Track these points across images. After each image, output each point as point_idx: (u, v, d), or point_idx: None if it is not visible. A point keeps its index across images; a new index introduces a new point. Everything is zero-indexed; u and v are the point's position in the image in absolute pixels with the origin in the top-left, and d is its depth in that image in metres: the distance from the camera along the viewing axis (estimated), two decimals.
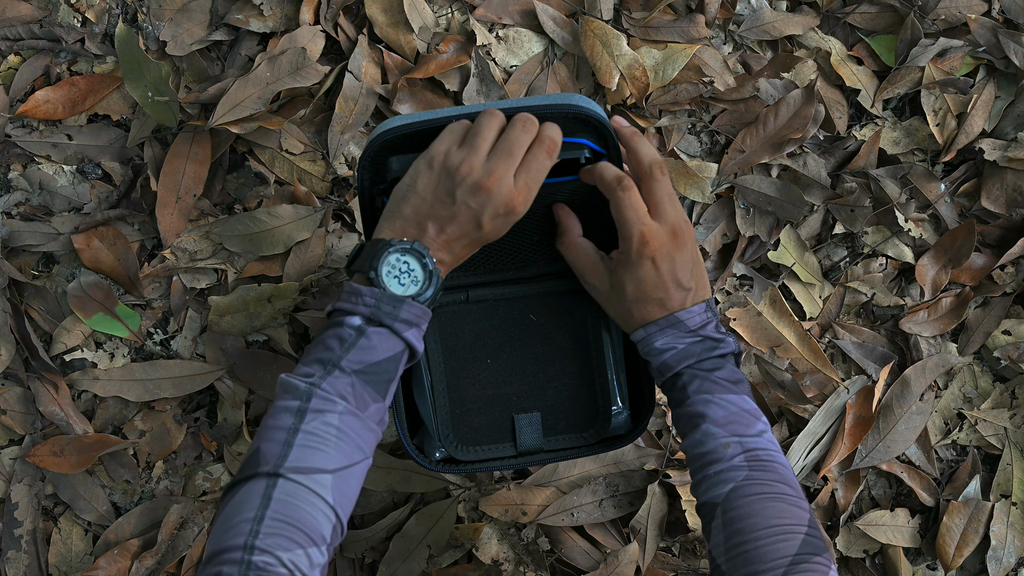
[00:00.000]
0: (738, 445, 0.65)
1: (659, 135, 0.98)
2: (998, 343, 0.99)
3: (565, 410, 0.77)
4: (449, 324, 0.77)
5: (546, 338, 0.77)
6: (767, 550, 0.59)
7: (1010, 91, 1.00)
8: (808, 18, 1.00)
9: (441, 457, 0.77)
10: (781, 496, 0.62)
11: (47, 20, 0.96)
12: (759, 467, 0.64)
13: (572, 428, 0.77)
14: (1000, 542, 0.97)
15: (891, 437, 0.97)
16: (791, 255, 0.98)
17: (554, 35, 0.97)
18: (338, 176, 0.95)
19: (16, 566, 0.92)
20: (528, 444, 0.77)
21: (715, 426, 0.66)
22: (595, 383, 0.77)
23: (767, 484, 0.63)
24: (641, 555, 0.93)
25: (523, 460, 0.77)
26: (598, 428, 0.77)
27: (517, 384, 0.77)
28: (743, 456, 0.64)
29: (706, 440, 0.66)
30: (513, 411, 0.77)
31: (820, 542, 0.61)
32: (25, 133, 0.95)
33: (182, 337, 0.95)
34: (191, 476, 0.94)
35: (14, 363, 0.93)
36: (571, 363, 0.77)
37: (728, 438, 0.65)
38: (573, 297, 0.76)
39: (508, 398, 0.77)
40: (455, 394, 0.77)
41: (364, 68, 0.95)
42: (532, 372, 0.77)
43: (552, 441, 0.77)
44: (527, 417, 0.77)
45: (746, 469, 0.64)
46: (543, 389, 0.77)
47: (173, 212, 0.93)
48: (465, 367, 0.77)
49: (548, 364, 0.77)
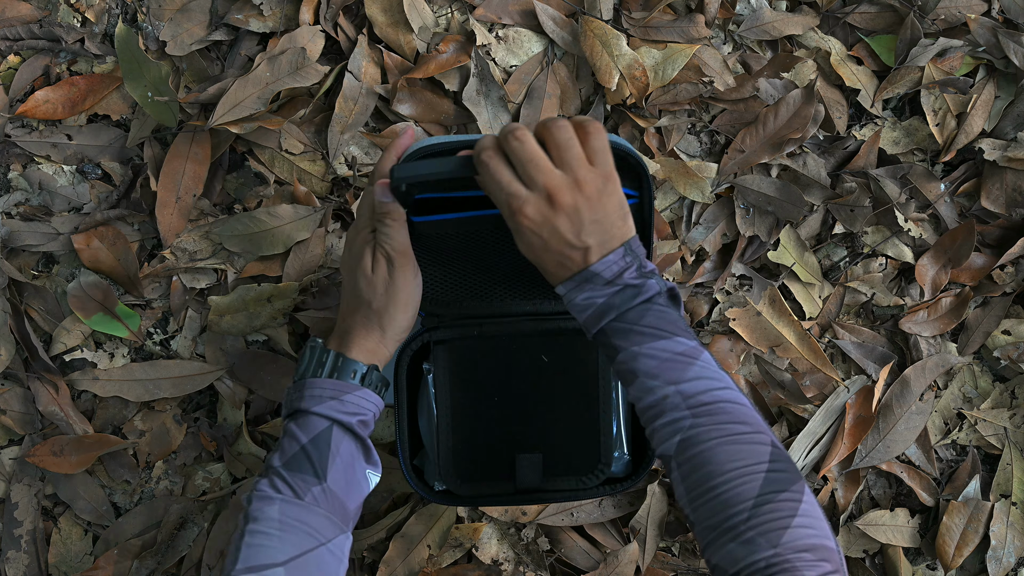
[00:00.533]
0: (677, 394, 0.61)
1: (659, 135, 0.98)
2: (998, 343, 0.99)
3: (567, 453, 0.77)
4: (460, 357, 0.76)
5: (554, 379, 0.77)
6: (726, 497, 0.57)
7: (1010, 91, 1.00)
8: (808, 18, 1.00)
9: (440, 489, 0.78)
10: (732, 438, 0.59)
11: (47, 20, 0.96)
12: (703, 412, 0.60)
13: (572, 471, 0.77)
14: (1000, 542, 0.97)
15: (891, 437, 0.97)
16: (791, 255, 0.98)
17: (554, 35, 0.97)
18: (338, 176, 0.95)
19: (16, 566, 0.92)
20: (527, 484, 0.77)
21: (649, 379, 0.62)
22: (599, 428, 0.77)
23: (715, 428, 0.60)
24: (641, 555, 0.93)
25: (521, 498, 0.77)
26: (598, 473, 0.77)
27: (522, 423, 0.77)
28: (684, 404, 0.61)
29: (644, 395, 0.62)
30: (515, 450, 0.77)
31: (786, 475, 0.58)
32: (25, 133, 0.95)
33: (182, 337, 0.95)
34: (191, 476, 0.94)
35: (14, 363, 0.93)
36: (577, 406, 0.77)
37: (665, 388, 0.62)
38: (586, 340, 0.75)
39: (511, 437, 0.77)
40: (459, 428, 0.77)
41: (364, 68, 0.95)
42: (538, 413, 0.77)
43: (552, 482, 0.77)
44: (528, 457, 0.77)
45: (689, 417, 0.60)
46: (547, 431, 0.77)
47: (173, 212, 0.93)
48: (472, 403, 0.77)
49: (555, 406, 0.77)
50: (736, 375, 0.97)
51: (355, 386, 0.67)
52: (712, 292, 0.97)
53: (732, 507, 0.57)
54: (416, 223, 0.72)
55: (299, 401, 0.67)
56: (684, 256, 0.98)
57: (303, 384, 0.67)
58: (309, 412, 0.66)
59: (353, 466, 0.66)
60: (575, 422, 0.77)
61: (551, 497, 0.78)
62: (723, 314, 0.97)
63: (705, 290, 0.97)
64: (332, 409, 0.66)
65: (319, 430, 0.66)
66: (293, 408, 0.67)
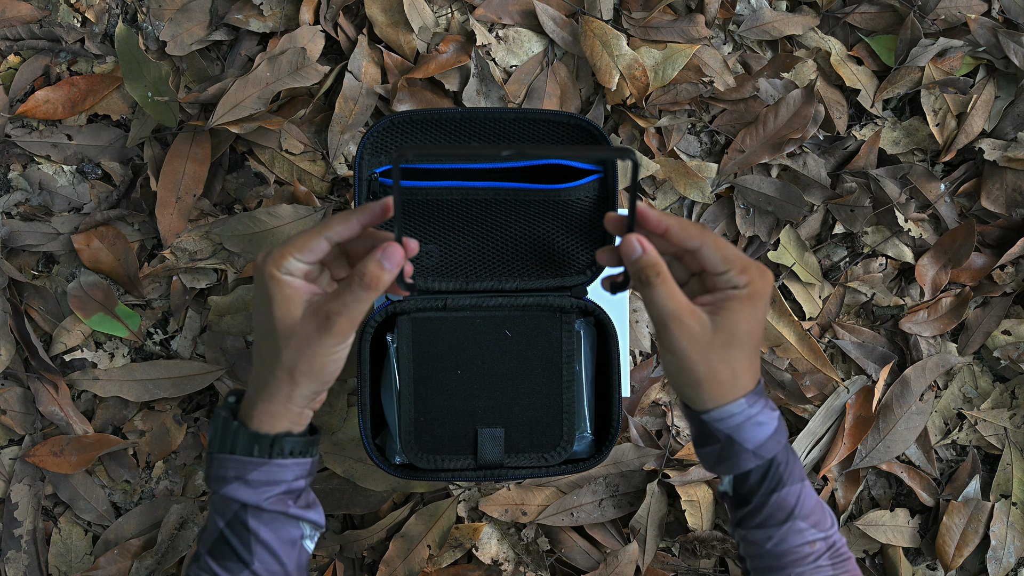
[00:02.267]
0: (822, 543, 0.60)
1: (659, 135, 0.98)
2: (998, 343, 0.99)
3: (529, 429, 0.77)
4: (424, 331, 0.76)
5: (519, 355, 0.77)
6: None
7: (1010, 91, 1.00)
8: (808, 18, 1.00)
9: (401, 462, 0.77)
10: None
11: (47, 20, 0.96)
12: (842, 569, 0.61)
13: (534, 448, 0.77)
14: (1000, 542, 0.97)
15: (891, 437, 0.97)
16: (791, 255, 0.98)
17: (554, 35, 0.97)
18: (338, 176, 0.95)
19: (16, 566, 0.92)
20: (488, 459, 0.76)
21: (803, 521, 0.60)
22: (563, 405, 0.77)
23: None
24: (641, 555, 0.93)
25: (482, 474, 0.77)
26: (560, 450, 0.77)
27: (484, 398, 0.76)
28: (827, 556, 0.60)
29: (789, 537, 0.60)
30: (477, 424, 0.77)
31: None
32: (25, 133, 0.95)
33: (182, 337, 0.95)
34: (191, 476, 0.94)
35: (14, 363, 0.93)
36: (541, 383, 0.77)
37: (815, 535, 0.60)
38: (551, 316, 0.76)
39: (474, 411, 0.76)
40: (421, 401, 0.76)
41: (364, 68, 0.95)
42: (501, 387, 0.77)
43: (513, 459, 0.77)
44: (490, 432, 0.77)
45: (830, 568, 0.60)
46: (510, 406, 0.77)
47: (173, 212, 0.93)
48: (434, 375, 0.76)
49: (518, 381, 0.77)
50: None
51: (260, 461, 0.60)
52: None
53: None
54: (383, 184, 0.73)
55: (209, 480, 0.62)
56: None
57: (211, 460, 0.62)
58: (218, 494, 0.61)
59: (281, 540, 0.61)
60: (538, 399, 0.77)
61: (512, 475, 0.77)
62: None
63: None
64: (239, 491, 0.60)
65: (232, 513, 0.60)
66: (208, 486, 0.62)
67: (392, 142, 0.74)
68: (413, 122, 0.73)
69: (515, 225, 0.75)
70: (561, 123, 0.74)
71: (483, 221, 0.76)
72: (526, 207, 0.75)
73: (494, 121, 0.74)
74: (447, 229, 0.76)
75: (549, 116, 0.73)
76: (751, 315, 0.58)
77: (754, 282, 0.58)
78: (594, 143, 0.74)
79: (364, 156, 0.73)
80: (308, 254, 0.58)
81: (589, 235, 0.76)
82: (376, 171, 0.74)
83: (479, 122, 0.74)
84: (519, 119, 0.74)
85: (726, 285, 0.59)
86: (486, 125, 0.74)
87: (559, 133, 0.74)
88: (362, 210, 0.60)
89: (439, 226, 0.76)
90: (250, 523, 0.59)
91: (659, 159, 0.97)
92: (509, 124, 0.75)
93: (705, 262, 0.59)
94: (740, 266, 0.58)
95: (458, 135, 0.75)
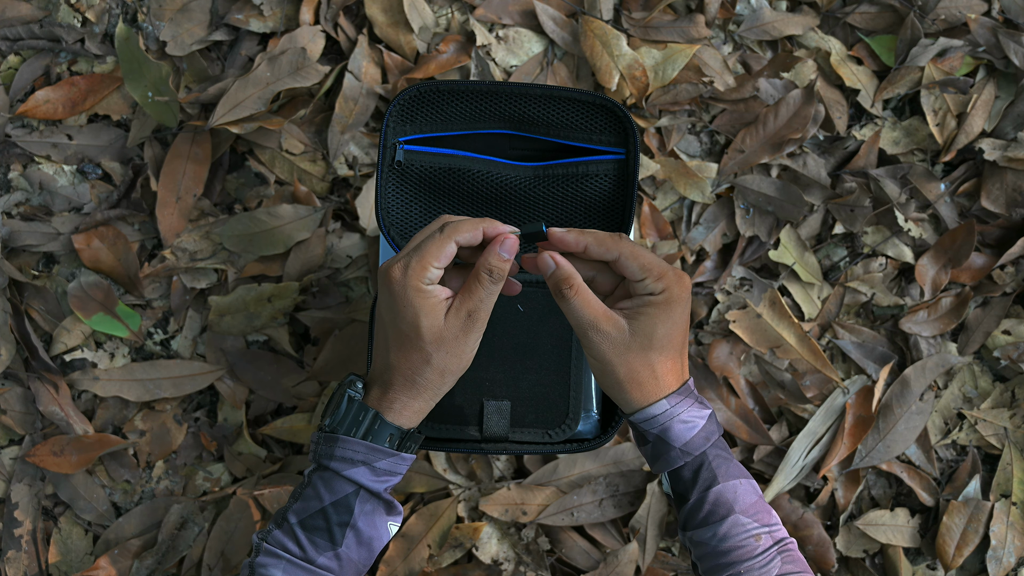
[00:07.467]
0: (768, 537, 0.61)
1: (659, 135, 0.98)
2: (998, 343, 0.99)
3: (536, 404, 0.77)
4: None
5: (530, 330, 0.77)
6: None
7: (1010, 91, 1.00)
8: (808, 18, 1.00)
9: None
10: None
11: (47, 20, 0.96)
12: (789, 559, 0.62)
13: (540, 423, 0.77)
14: (1000, 542, 0.97)
15: (891, 437, 0.97)
16: (791, 255, 0.98)
17: (554, 35, 0.97)
18: (338, 176, 0.95)
19: (16, 566, 0.92)
20: (493, 431, 0.77)
21: (744, 516, 0.61)
22: (570, 383, 0.77)
23: None
24: (641, 555, 0.93)
25: (487, 447, 0.77)
26: (565, 427, 0.77)
27: (493, 370, 0.77)
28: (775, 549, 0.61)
29: (733, 532, 0.61)
30: (484, 396, 0.77)
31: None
32: (25, 133, 0.95)
33: (182, 337, 0.95)
34: (191, 476, 0.94)
35: (14, 363, 0.93)
36: (550, 359, 0.77)
37: (758, 528, 0.61)
38: None
39: (481, 382, 0.76)
40: None
41: (364, 68, 0.95)
42: (510, 361, 0.77)
43: (518, 433, 0.77)
44: (496, 404, 0.77)
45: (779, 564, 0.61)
46: (518, 380, 0.77)
47: (173, 212, 0.93)
48: None
49: (527, 356, 0.77)
50: (736, 376, 0.97)
51: (390, 452, 0.62)
52: (712, 292, 0.97)
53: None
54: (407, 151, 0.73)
55: (328, 459, 0.62)
56: (684, 256, 0.98)
57: (335, 440, 0.62)
58: (338, 474, 0.62)
59: (374, 526, 0.63)
60: (547, 374, 0.77)
61: (516, 449, 0.77)
62: (723, 316, 0.97)
63: (705, 290, 0.97)
64: (362, 476, 0.61)
65: (343, 494, 0.61)
66: (321, 462, 0.62)
67: (419, 111, 0.74)
68: (440, 92, 0.73)
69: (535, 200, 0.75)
70: (587, 103, 0.73)
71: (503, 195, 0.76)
72: (545, 183, 0.75)
73: (520, 97, 0.74)
74: (463, 197, 0.76)
75: (576, 95, 0.73)
76: (667, 319, 0.61)
77: (670, 288, 0.61)
78: (619, 124, 0.73)
79: (390, 124, 0.73)
80: (445, 260, 0.61)
81: (608, 213, 0.76)
82: (400, 139, 0.74)
83: (505, 96, 0.74)
84: (545, 96, 0.74)
85: (643, 291, 0.62)
86: (511, 100, 0.74)
87: (584, 113, 0.74)
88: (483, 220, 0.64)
89: (456, 194, 0.76)
90: (356, 506, 0.61)
91: (659, 159, 0.97)
92: (535, 101, 0.74)
93: (624, 271, 0.62)
94: (657, 273, 0.61)
95: (484, 108, 0.75)
